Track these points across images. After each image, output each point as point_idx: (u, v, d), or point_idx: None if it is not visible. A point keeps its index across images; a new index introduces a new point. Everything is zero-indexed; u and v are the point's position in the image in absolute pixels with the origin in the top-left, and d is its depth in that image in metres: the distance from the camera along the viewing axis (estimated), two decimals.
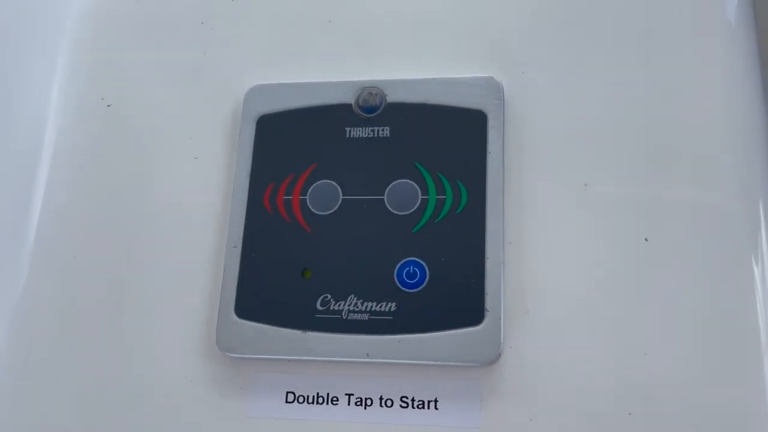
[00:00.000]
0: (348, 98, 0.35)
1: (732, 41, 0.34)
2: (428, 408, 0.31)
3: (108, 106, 0.38)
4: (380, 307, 0.31)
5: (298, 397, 0.32)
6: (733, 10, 0.34)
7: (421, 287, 0.31)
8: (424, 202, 0.33)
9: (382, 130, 0.34)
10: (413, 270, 0.32)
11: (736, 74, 0.33)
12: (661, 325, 0.30)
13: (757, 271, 0.30)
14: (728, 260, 0.31)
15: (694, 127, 0.33)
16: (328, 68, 0.36)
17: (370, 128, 0.34)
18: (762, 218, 0.31)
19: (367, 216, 0.33)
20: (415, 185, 0.33)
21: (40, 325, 0.35)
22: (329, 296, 0.32)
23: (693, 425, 0.29)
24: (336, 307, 0.32)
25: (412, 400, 0.31)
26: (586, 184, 0.33)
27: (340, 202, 0.33)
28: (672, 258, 0.31)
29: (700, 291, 0.30)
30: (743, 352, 0.29)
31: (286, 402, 0.32)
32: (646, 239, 0.31)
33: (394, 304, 0.31)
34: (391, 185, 0.33)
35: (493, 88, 0.34)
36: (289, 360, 0.32)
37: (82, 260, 0.36)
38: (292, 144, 0.35)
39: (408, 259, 0.32)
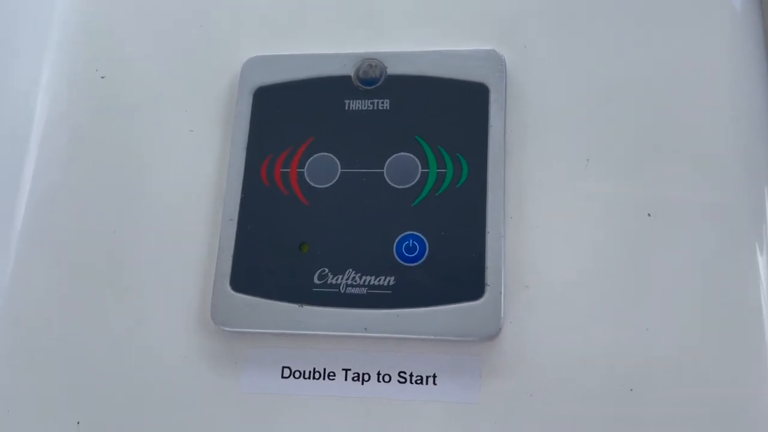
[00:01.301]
0: (347, 70, 0.34)
1: (737, 22, 0.34)
2: (426, 383, 0.30)
3: (102, 77, 0.37)
4: (379, 281, 0.31)
5: (294, 372, 0.31)
6: None
7: (420, 261, 0.31)
8: (425, 176, 0.32)
9: (382, 102, 0.33)
10: (413, 244, 0.31)
11: (741, 47, 0.33)
12: (663, 301, 0.30)
13: (761, 246, 0.30)
14: (733, 235, 0.30)
15: (699, 100, 0.32)
16: (327, 40, 0.35)
17: (369, 101, 0.34)
18: None
19: (366, 189, 0.32)
20: (415, 158, 0.32)
21: (31, 301, 0.34)
22: (327, 270, 0.31)
23: (695, 401, 0.29)
24: (333, 281, 0.31)
25: (411, 375, 0.30)
26: (588, 159, 0.32)
27: (338, 175, 0.33)
28: (675, 233, 0.31)
29: (704, 266, 0.30)
30: (746, 327, 0.29)
31: (282, 377, 0.31)
32: (648, 214, 0.31)
33: (392, 278, 0.31)
34: (390, 158, 0.33)
35: (495, 60, 0.33)
36: (285, 334, 0.31)
37: (75, 233, 0.35)
38: (289, 116, 0.34)
39: (407, 232, 0.31)
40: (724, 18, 0.33)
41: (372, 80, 0.34)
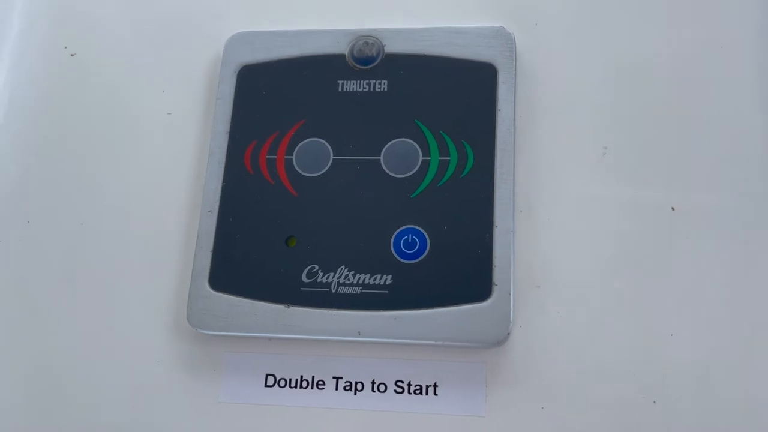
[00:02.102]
0: (341, 48, 0.31)
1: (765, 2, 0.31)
2: (427, 393, 0.28)
3: (72, 55, 0.35)
4: (374, 279, 0.28)
5: (279, 380, 0.29)
6: None
7: (420, 258, 0.28)
8: (426, 164, 0.29)
9: (379, 83, 0.31)
10: (412, 239, 0.29)
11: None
12: (689, 303, 0.27)
13: None
14: (763, 231, 0.28)
15: (721, 87, 0.30)
16: (318, 14, 0.33)
17: (365, 81, 0.31)
18: None
19: (361, 178, 0.30)
20: (416, 145, 0.30)
21: None
22: (317, 267, 0.29)
23: (725, 415, 0.26)
24: (324, 280, 0.28)
25: (409, 384, 0.28)
26: (605, 147, 0.30)
27: (330, 162, 0.30)
28: (701, 228, 0.28)
29: (733, 265, 0.28)
30: None
31: (266, 385, 0.29)
32: (672, 208, 0.28)
33: (390, 276, 0.28)
34: (388, 145, 0.30)
35: (504, 39, 0.31)
36: (269, 338, 0.29)
37: (38, 224, 0.32)
38: (277, 98, 0.31)
39: (406, 226, 0.29)
40: (752, 3, 0.31)
41: (368, 59, 0.31)
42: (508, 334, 0.27)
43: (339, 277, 0.28)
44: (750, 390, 0.26)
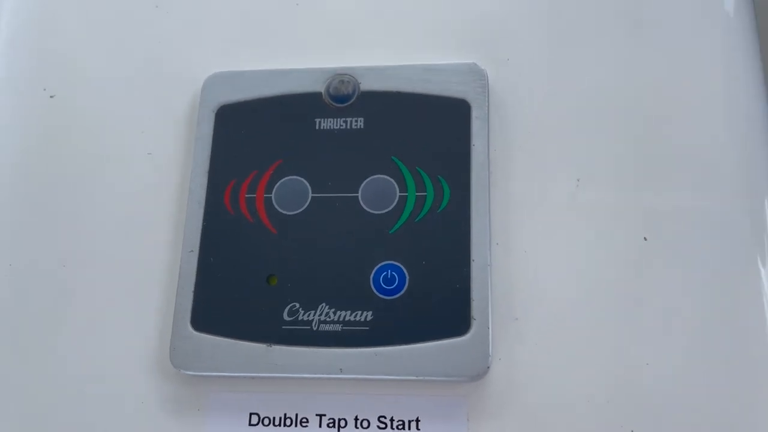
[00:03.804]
0: (317, 86, 0.32)
1: (730, 30, 0.32)
2: (409, 428, 0.28)
3: (51, 96, 0.35)
4: (355, 316, 0.28)
5: (263, 419, 0.29)
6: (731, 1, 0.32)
7: (399, 294, 0.28)
8: (403, 200, 0.30)
9: (356, 121, 0.31)
10: (391, 275, 0.29)
11: (736, 54, 0.31)
12: (664, 333, 0.28)
13: (764, 271, 0.28)
14: (735, 260, 0.28)
15: (691, 117, 0.30)
16: (295, 54, 0.33)
17: (342, 119, 0.31)
18: None
19: (340, 215, 0.30)
20: (393, 181, 0.30)
21: None
22: (297, 305, 0.29)
23: None
24: (305, 318, 0.28)
25: (391, 420, 0.28)
26: (578, 180, 0.30)
27: (309, 200, 0.30)
28: (674, 258, 0.29)
29: (706, 294, 0.28)
30: (755, 357, 0.27)
31: (250, 425, 0.29)
32: (645, 238, 0.29)
33: (370, 312, 0.28)
34: (365, 181, 0.30)
35: (477, 75, 0.31)
36: (252, 377, 0.29)
37: (19, 267, 0.32)
38: (255, 137, 0.32)
39: (385, 262, 0.29)
40: (717, 25, 0.32)
41: (344, 97, 0.31)
42: (488, 367, 0.27)
43: (320, 315, 0.29)
44: (727, 417, 0.27)
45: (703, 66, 0.31)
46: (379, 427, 0.28)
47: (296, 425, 0.28)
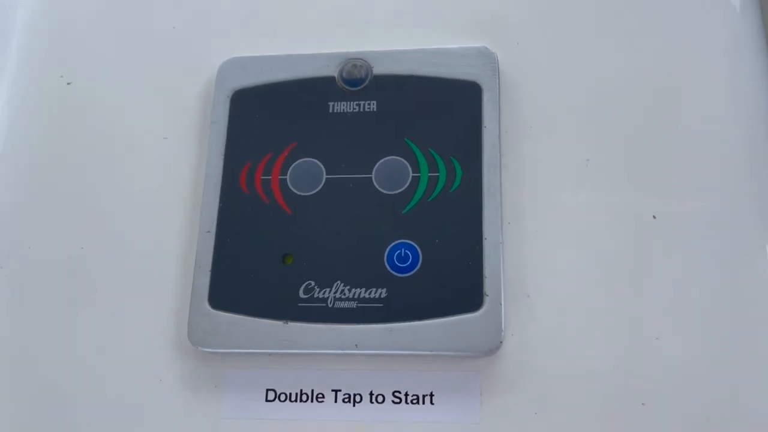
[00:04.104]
0: (331, 71, 0.32)
1: (737, 13, 0.33)
2: (423, 403, 0.28)
3: (68, 84, 0.35)
4: (369, 293, 0.29)
5: (280, 394, 0.29)
6: None
7: (413, 271, 0.29)
8: (416, 180, 0.30)
9: (369, 104, 0.32)
10: (405, 253, 0.29)
11: (742, 45, 0.32)
12: (673, 307, 0.28)
13: None
14: (741, 235, 0.29)
15: (701, 99, 0.31)
16: (308, 39, 0.34)
17: (355, 102, 0.32)
18: None
19: (354, 196, 0.30)
20: (406, 162, 0.31)
21: None
22: (313, 283, 0.29)
23: (711, 414, 0.27)
24: (321, 295, 0.29)
25: (406, 394, 0.28)
26: (588, 159, 0.31)
27: (323, 181, 0.31)
28: (683, 235, 0.29)
29: (713, 268, 0.28)
30: (761, 333, 0.27)
31: (266, 400, 0.29)
32: (654, 216, 0.29)
33: (384, 290, 0.29)
34: (379, 163, 0.31)
35: (487, 58, 0.32)
36: (269, 354, 0.29)
37: (39, 249, 0.33)
38: (270, 120, 0.32)
39: (399, 241, 0.29)
40: (724, 16, 0.32)
41: (357, 81, 0.32)
42: (501, 342, 0.28)
43: (335, 292, 0.29)
44: (736, 390, 0.27)
45: (710, 50, 0.32)
46: (393, 401, 0.29)
47: (312, 401, 0.29)
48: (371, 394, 0.29)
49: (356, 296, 0.29)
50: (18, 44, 0.36)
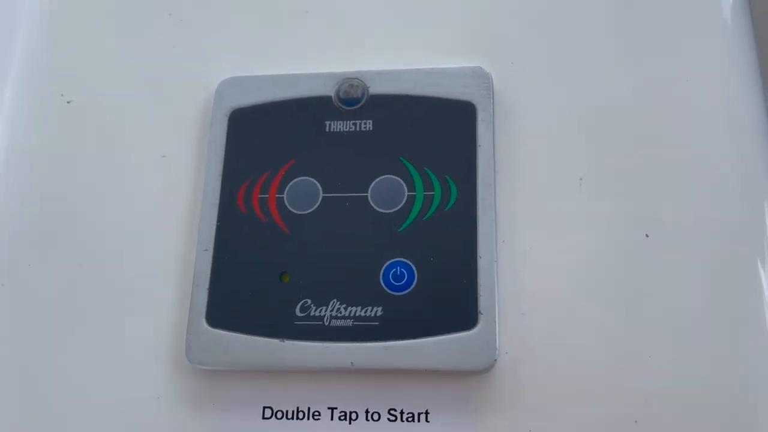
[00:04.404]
0: (327, 90, 0.33)
1: (729, 28, 0.33)
2: (419, 420, 0.28)
3: (68, 102, 0.36)
4: (365, 312, 0.29)
5: (276, 412, 0.29)
6: (729, 6, 0.33)
7: (409, 290, 0.29)
8: (411, 199, 0.31)
9: (365, 123, 0.32)
10: (400, 271, 0.30)
11: (734, 60, 0.32)
12: (666, 325, 0.28)
13: (763, 264, 0.29)
14: (735, 255, 0.29)
15: (692, 114, 0.31)
16: (305, 59, 0.34)
17: (351, 122, 0.32)
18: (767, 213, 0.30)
19: (350, 214, 0.31)
20: (401, 181, 0.31)
21: None
22: (309, 301, 0.30)
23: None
24: (317, 313, 0.29)
25: (401, 412, 0.29)
26: (581, 178, 0.31)
27: (320, 200, 0.31)
28: (675, 254, 0.29)
29: (707, 288, 0.29)
30: (755, 350, 0.28)
31: (263, 418, 0.29)
32: (646, 235, 0.30)
33: (380, 308, 0.29)
34: (375, 181, 0.31)
35: (482, 78, 0.32)
36: (266, 371, 0.30)
37: (38, 266, 0.33)
38: (267, 139, 0.32)
39: (394, 259, 0.30)
40: (716, 34, 0.33)
41: (354, 100, 0.32)
42: (495, 360, 0.28)
43: (331, 311, 0.29)
44: (730, 408, 0.27)
45: (702, 67, 0.32)
46: (389, 419, 0.29)
47: (308, 418, 0.29)
48: (367, 411, 0.29)
49: (352, 314, 0.29)
50: (19, 62, 0.37)
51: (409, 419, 0.29)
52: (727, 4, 0.33)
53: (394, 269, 0.30)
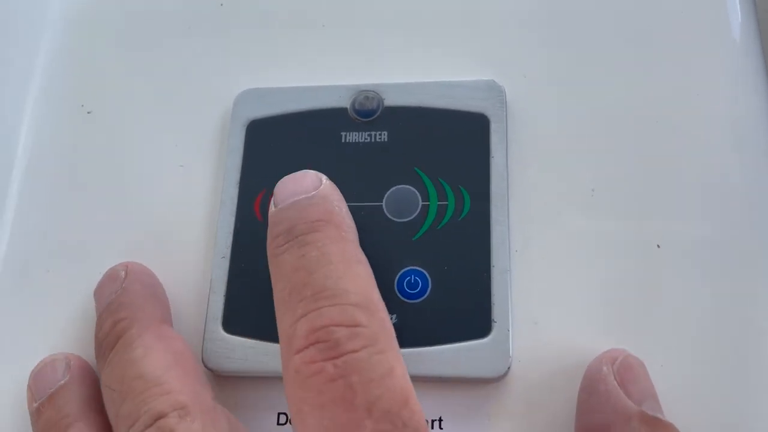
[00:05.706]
0: (343, 102, 0.33)
1: (737, 44, 0.33)
2: (432, 427, 0.29)
3: (88, 113, 0.36)
4: None
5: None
6: (737, 16, 0.34)
7: (423, 298, 0.30)
8: (425, 209, 0.31)
9: (380, 134, 0.33)
10: (414, 279, 0.30)
11: (743, 75, 0.33)
12: (678, 335, 0.29)
13: None
14: (749, 266, 0.29)
15: (704, 128, 0.32)
16: (321, 72, 0.35)
17: (367, 133, 0.33)
18: None
19: (365, 223, 0.31)
20: (416, 191, 0.31)
21: (13, 344, 0.32)
22: None
23: None
24: None
25: None
26: (593, 189, 0.31)
27: None
28: (687, 265, 0.30)
29: (720, 298, 0.29)
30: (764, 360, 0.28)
31: (278, 424, 0.30)
32: (658, 246, 0.30)
33: (394, 316, 0.29)
34: (389, 191, 0.32)
35: (495, 91, 0.33)
36: (281, 378, 0.30)
37: (57, 274, 0.33)
38: (284, 149, 0.33)
39: (409, 268, 0.30)
40: (725, 48, 0.33)
41: (369, 112, 0.33)
42: (508, 368, 0.28)
43: None
44: (742, 418, 0.28)
45: (712, 83, 0.32)
46: None
47: None
48: None
49: None
50: (41, 74, 0.37)
51: None
52: (736, 22, 0.34)
53: (409, 277, 0.30)
